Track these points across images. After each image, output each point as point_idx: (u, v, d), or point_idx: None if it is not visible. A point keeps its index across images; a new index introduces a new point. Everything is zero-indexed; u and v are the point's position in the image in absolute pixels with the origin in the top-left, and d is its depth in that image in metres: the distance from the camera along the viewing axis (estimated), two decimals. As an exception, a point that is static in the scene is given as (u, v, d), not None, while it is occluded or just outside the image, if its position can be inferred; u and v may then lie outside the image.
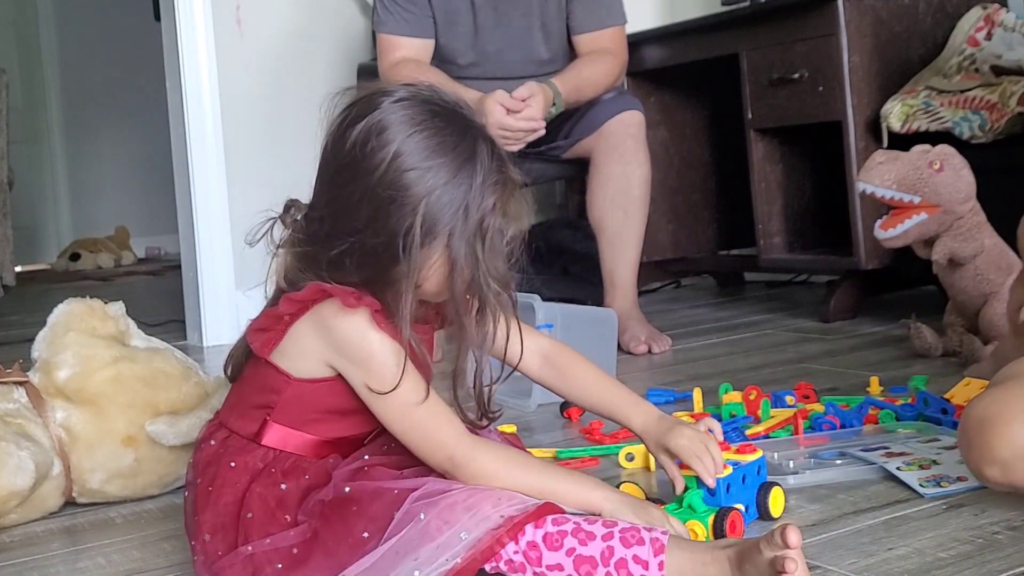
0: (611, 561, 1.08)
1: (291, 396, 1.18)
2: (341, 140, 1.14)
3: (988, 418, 1.20)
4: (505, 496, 1.12)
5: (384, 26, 2.70)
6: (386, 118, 1.13)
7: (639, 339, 2.53)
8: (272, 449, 1.19)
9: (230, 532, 1.15)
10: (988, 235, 2.12)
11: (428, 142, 1.13)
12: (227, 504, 1.16)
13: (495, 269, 1.15)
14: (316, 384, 1.17)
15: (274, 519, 1.14)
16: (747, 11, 2.90)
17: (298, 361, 1.17)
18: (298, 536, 1.13)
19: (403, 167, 1.11)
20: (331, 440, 1.20)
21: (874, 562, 1.18)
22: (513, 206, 1.17)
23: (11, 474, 1.46)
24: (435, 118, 1.14)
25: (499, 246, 1.16)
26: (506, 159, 1.18)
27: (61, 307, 1.66)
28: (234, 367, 1.26)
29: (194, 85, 3.10)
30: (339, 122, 1.16)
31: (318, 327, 1.15)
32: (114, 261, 6.66)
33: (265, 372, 1.19)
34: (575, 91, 2.60)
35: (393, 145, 1.12)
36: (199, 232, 3.11)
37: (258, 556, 1.12)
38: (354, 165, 1.13)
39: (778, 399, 1.84)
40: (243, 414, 1.22)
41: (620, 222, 2.63)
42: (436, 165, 1.12)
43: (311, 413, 1.19)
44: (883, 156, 2.14)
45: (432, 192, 1.12)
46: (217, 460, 1.20)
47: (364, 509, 1.11)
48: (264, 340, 1.18)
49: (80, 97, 7.18)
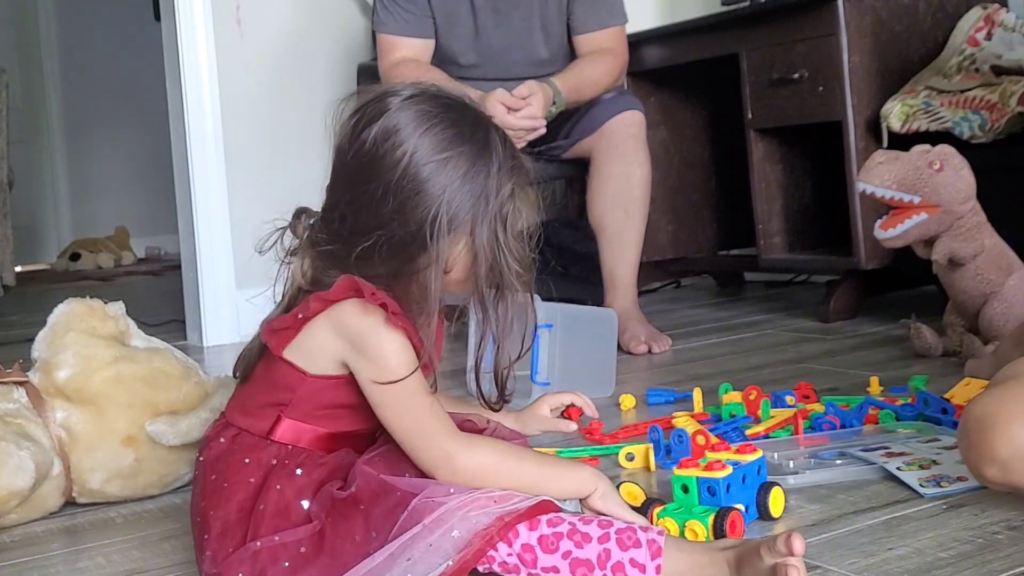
0: (608, 564, 1.08)
1: (306, 392, 1.18)
2: (357, 142, 1.17)
3: (987, 418, 1.20)
4: (499, 497, 1.12)
5: (384, 26, 2.70)
6: (399, 116, 1.16)
7: (639, 339, 2.53)
8: (284, 445, 1.19)
9: (240, 529, 1.15)
10: (988, 235, 2.12)
11: (444, 134, 1.16)
12: (240, 501, 1.16)
13: (517, 251, 1.19)
14: (330, 380, 1.18)
15: (288, 513, 1.14)
16: (747, 11, 2.90)
17: (315, 357, 1.18)
18: (307, 532, 1.13)
19: (423, 160, 1.15)
20: (342, 434, 1.21)
21: (874, 562, 1.18)
22: (526, 191, 1.21)
23: (11, 474, 1.46)
24: (447, 111, 1.18)
25: (518, 230, 1.19)
26: (515, 146, 1.22)
27: (61, 307, 1.66)
28: (245, 368, 1.26)
29: (194, 85, 3.10)
30: (352, 125, 1.19)
31: (336, 324, 1.16)
32: (114, 261, 6.66)
33: (279, 369, 1.19)
34: (575, 90, 2.60)
35: (411, 140, 1.15)
36: (199, 232, 3.11)
37: (265, 553, 1.12)
38: (374, 164, 1.15)
39: (778, 399, 1.84)
40: (254, 412, 1.22)
41: (620, 222, 2.63)
42: (454, 155, 1.16)
43: (323, 408, 1.20)
44: (883, 156, 2.14)
45: (453, 183, 1.15)
46: (227, 457, 1.20)
47: (370, 509, 1.12)
48: (280, 338, 1.19)
49: (80, 97, 7.18)
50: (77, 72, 7.18)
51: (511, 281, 1.19)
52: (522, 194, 1.20)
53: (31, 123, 7.01)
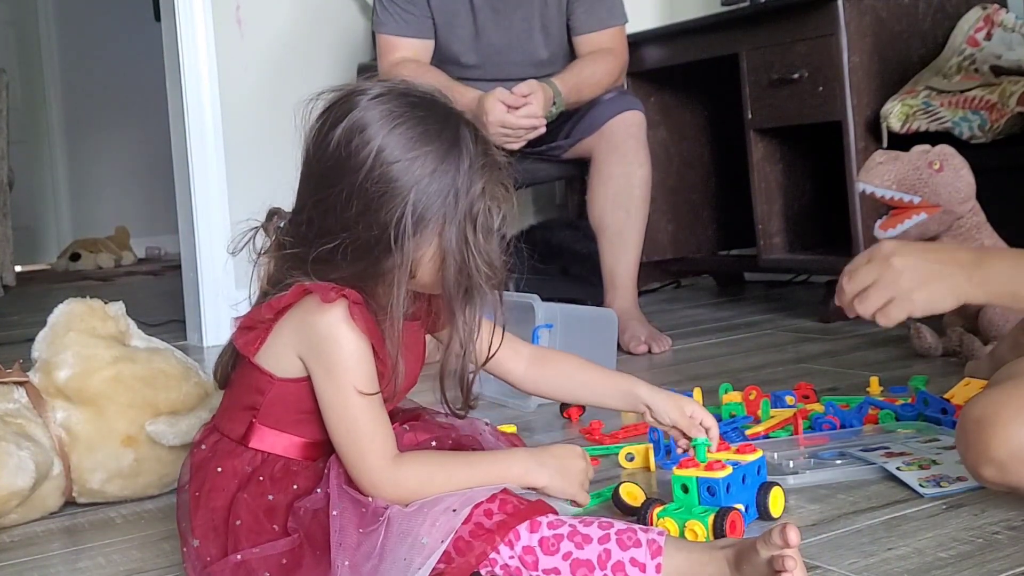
0: (608, 564, 1.08)
1: (274, 396, 1.17)
2: (323, 142, 1.14)
3: (985, 418, 1.20)
4: (458, 503, 1.11)
5: (383, 27, 2.70)
6: (366, 115, 1.13)
7: (639, 339, 2.53)
8: (260, 452, 1.18)
9: (220, 536, 1.15)
10: (988, 235, 2.12)
11: (411, 132, 1.13)
12: (216, 509, 1.15)
13: (487, 253, 1.15)
14: (297, 384, 1.16)
15: (262, 528, 1.13)
16: (747, 11, 2.90)
17: (280, 360, 1.16)
18: (287, 545, 1.12)
19: (389, 160, 1.11)
20: (317, 442, 1.19)
21: (874, 562, 1.18)
22: (500, 189, 1.17)
23: (11, 474, 1.46)
24: (414, 109, 1.14)
25: (490, 230, 1.16)
26: (489, 142, 1.18)
27: (61, 307, 1.66)
28: (223, 374, 1.25)
29: (194, 85, 3.10)
30: (319, 126, 1.16)
31: (299, 323, 1.14)
32: (114, 261, 6.67)
33: (251, 373, 1.18)
34: (575, 91, 2.60)
35: (377, 140, 1.12)
36: (199, 232, 3.11)
37: (246, 565, 1.11)
38: (340, 165, 1.13)
39: (778, 399, 1.84)
40: (232, 416, 1.21)
41: (621, 222, 2.63)
42: (422, 154, 1.12)
43: (294, 414, 1.18)
44: (883, 156, 2.14)
45: (420, 181, 1.12)
46: (206, 465, 1.19)
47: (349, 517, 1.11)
48: (248, 340, 1.17)
49: (80, 97, 7.18)
50: (77, 72, 7.18)
51: (479, 283, 1.15)
52: (495, 192, 1.16)
53: (31, 123, 7.02)
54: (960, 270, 1.24)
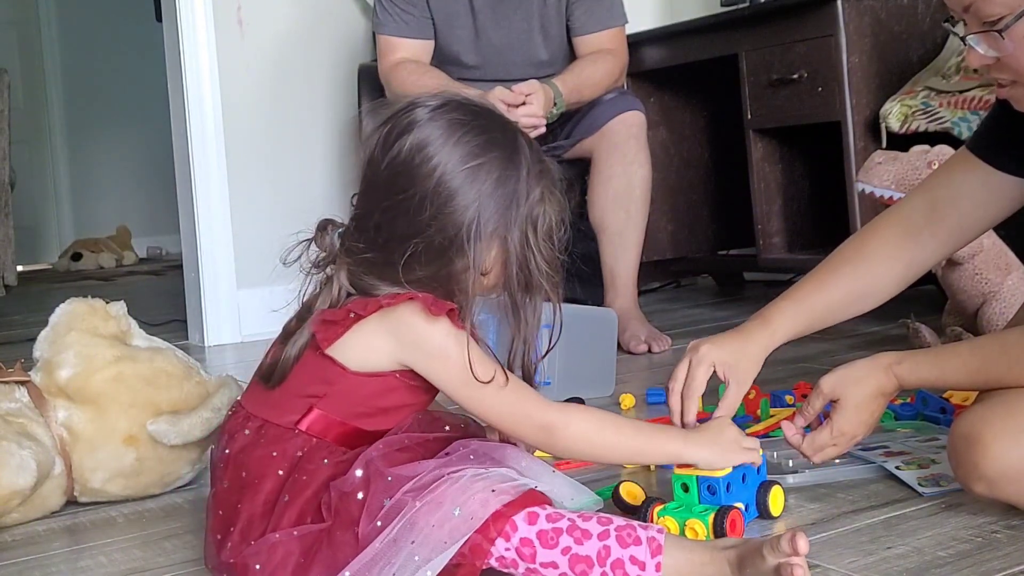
0: (607, 561, 1.08)
1: (344, 388, 1.20)
2: (389, 153, 1.20)
3: (971, 436, 1.21)
4: (496, 480, 1.12)
5: (383, 28, 2.70)
6: (430, 127, 1.19)
7: (639, 339, 2.54)
8: (311, 437, 1.19)
9: (263, 522, 1.16)
10: (987, 235, 2.12)
11: (474, 142, 1.19)
12: (267, 492, 1.17)
13: (546, 253, 1.23)
14: (371, 379, 1.20)
15: (308, 507, 1.15)
16: (747, 11, 2.90)
17: (363, 356, 1.19)
18: (321, 527, 1.13)
19: (456, 169, 1.18)
20: (368, 432, 1.21)
21: (873, 561, 1.18)
22: (554, 193, 1.26)
23: (13, 473, 1.47)
24: (476, 119, 1.21)
25: (548, 231, 1.24)
26: (540, 150, 1.26)
27: (63, 307, 1.67)
28: (279, 373, 1.23)
29: (195, 85, 3.11)
30: (384, 136, 1.21)
31: (397, 326, 1.18)
32: (115, 261, 6.67)
33: (319, 364, 1.20)
34: (576, 91, 2.60)
35: (444, 150, 1.18)
36: (200, 232, 3.11)
37: (281, 545, 1.13)
38: (408, 173, 1.18)
39: (778, 399, 1.85)
40: (282, 404, 1.22)
41: (622, 222, 2.64)
42: (486, 162, 1.19)
43: (359, 406, 1.21)
44: (882, 156, 2.15)
45: (485, 188, 1.19)
46: (252, 449, 1.20)
47: (367, 499, 1.12)
48: (329, 333, 1.19)
49: (82, 97, 7.19)
50: (79, 72, 7.19)
51: (540, 282, 1.23)
52: (550, 196, 1.24)
53: (33, 123, 7.02)
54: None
